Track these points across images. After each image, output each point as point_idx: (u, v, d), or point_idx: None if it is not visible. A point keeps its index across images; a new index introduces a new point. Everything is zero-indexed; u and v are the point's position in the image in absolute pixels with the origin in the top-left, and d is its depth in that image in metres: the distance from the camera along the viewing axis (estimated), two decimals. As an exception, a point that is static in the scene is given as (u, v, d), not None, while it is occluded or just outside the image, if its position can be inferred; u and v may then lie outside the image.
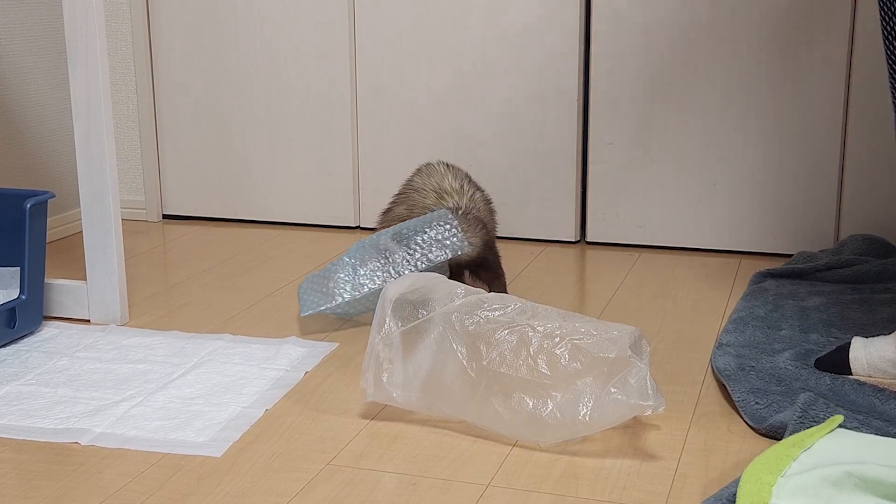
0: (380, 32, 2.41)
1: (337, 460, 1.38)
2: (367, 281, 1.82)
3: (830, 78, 2.19)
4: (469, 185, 2.00)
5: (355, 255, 1.84)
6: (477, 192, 1.99)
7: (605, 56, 2.30)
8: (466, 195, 1.96)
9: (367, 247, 1.85)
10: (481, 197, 2.00)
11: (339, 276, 1.82)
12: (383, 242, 1.84)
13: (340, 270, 1.83)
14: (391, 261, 1.82)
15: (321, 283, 1.84)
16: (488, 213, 2.00)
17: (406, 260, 1.82)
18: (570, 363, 1.40)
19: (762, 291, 1.96)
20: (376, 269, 1.82)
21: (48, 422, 1.49)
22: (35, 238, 1.80)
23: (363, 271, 1.82)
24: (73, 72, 1.81)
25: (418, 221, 1.87)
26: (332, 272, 1.84)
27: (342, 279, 1.82)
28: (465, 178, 2.01)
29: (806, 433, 1.29)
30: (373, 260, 1.83)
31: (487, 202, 2.01)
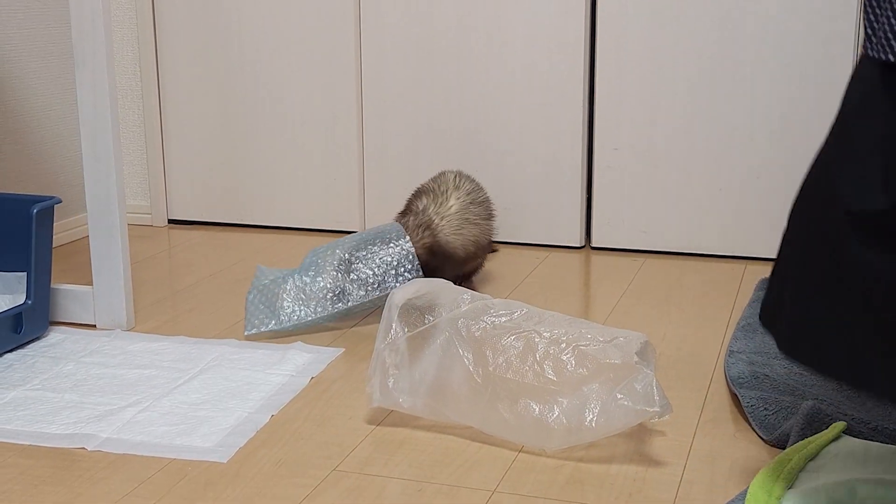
0: (385, 38, 2.41)
1: (343, 466, 1.38)
2: (318, 310, 1.82)
3: (837, 82, 2.19)
4: (454, 190, 1.98)
5: (307, 272, 1.83)
6: (455, 199, 1.97)
7: (610, 61, 2.30)
8: (439, 200, 1.96)
9: (321, 264, 1.84)
10: (459, 204, 1.97)
11: (286, 299, 1.81)
12: (336, 265, 1.83)
13: (287, 295, 1.81)
14: (344, 292, 1.82)
15: (269, 299, 1.81)
16: (460, 221, 1.97)
17: (360, 296, 1.83)
18: (577, 369, 1.40)
19: (768, 297, 1.96)
20: (326, 295, 1.82)
21: (55, 427, 1.49)
22: (41, 243, 1.81)
23: (313, 290, 1.81)
24: (80, 78, 1.81)
25: (373, 238, 1.87)
26: (280, 289, 1.82)
27: (288, 303, 1.81)
28: (454, 184, 2.00)
29: (810, 440, 1.29)
30: (325, 278, 1.82)
31: (464, 210, 1.98)
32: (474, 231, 1.99)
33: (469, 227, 1.98)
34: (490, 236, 2.07)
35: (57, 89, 2.44)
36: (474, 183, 2.07)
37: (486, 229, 2.03)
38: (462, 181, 2.04)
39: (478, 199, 2.03)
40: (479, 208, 2.03)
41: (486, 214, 2.04)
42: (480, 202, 2.04)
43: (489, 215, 2.06)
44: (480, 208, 2.03)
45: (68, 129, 2.47)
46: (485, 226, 2.03)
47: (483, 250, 2.06)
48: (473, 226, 1.99)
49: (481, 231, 2.01)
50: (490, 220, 2.06)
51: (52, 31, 2.41)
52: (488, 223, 2.05)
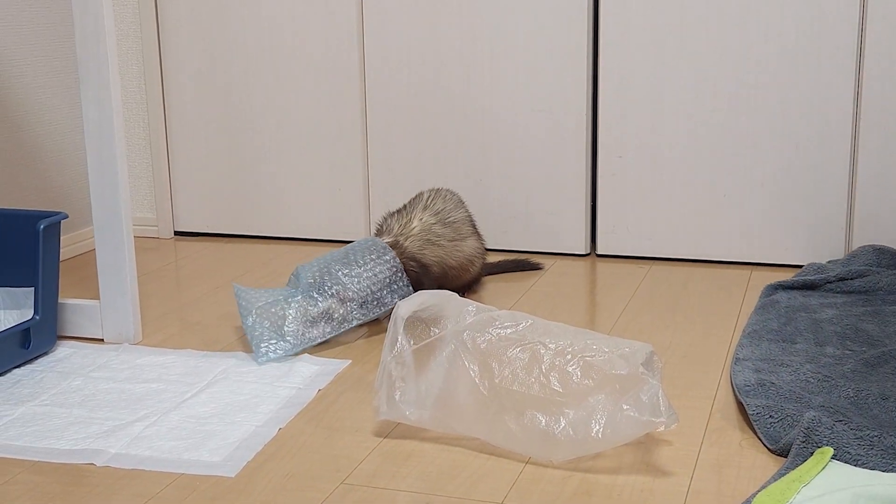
0: (389, 47, 2.42)
1: (351, 479, 1.39)
2: (326, 331, 1.83)
3: (840, 88, 2.19)
4: (420, 211, 1.99)
5: (309, 293, 1.84)
6: (418, 220, 1.98)
7: (613, 69, 2.30)
8: (403, 220, 1.98)
9: (318, 285, 1.84)
10: (421, 225, 1.98)
11: (292, 323, 1.80)
12: (331, 285, 1.83)
13: (293, 318, 1.81)
14: (349, 313, 1.84)
15: (274, 323, 1.80)
16: (422, 243, 1.97)
17: (362, 315, 1.85)
18: (583, 380, 1.40)
19: (774, 304, 1.96)
20: (332, 315, 1.83)
21: (63, 443, 1.50)
22: (48, 259, 1.81)
23: (317, 312, 1.82)
24: (85, 93, 1.82)
25: (361, 255, 1.88)
26: (284, 312, 1.81)
27: (296, 325, 1.80)
28: (423, 205, 2.01)
29: (804, 469, 1.29)
30: (325, 300, 1.83)
31: (426, 232, 1.98)
32: (438, 252, 1.99)
33: (431, 247, 1.98)
34: (463, 257, 2.03)
35: (63, 104, 2.45)
36: (449, 202, 2.05)
37: (453, 251, 2.01)
38: (434, 201, 2.03)
39: (447, 220, 2.01)
40: (447, 230, 2.01)
41: (453, 236, 2.01)
42: (449, 223, 2.02)
43: (460, 236, 2.03)
44: (448, 230, 2.01)
45: (74, 143, 2.48)
46: (452, 248, 2.01)
47: (458, 270, 2.03)
48: (437, 247, 1.99)
49: (446, 252, 2.00)
50: (462, 241, 2.03)
51: (58, 47, 2.42)
52: (457, 245, 2.02)
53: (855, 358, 1.69)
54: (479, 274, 2.13)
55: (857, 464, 1.33)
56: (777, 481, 1.28)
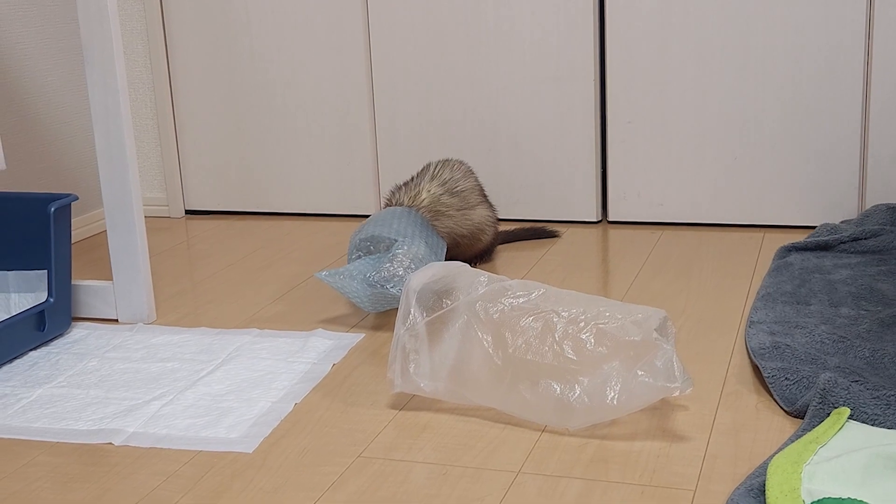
0: (394, 21, 2.41)
1: (367, 452, 1.39)
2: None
3: (849, 45, 2.17)
4: (427, 182, 1.99)
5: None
6: (426, 192, 1.98)
7: (621, 34, 2.29)
8: (412, 193, 1.98)
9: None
10: (430, 197, 1.98)
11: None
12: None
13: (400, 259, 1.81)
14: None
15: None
16: (431, 214, 1.96)
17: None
18: (596, 348, 1.40)
19: (787, 266, 1.95)
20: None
21: (81, 423, 1.50)
22: (60, 241, 1.82)
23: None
24: (90, 75, 1.82)
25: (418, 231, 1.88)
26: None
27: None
28: (430, 176, 2.01)
29: (820, 430, 1.29)
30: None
31: (435, 203, 1.98)
32: (447, 223, 1.99)
33: (441, 218, 1.98)
34: (473, 226, 2.03)
35: (70, 87, 2.45)
36: (457, 171, 2.05)
37: (462, 220, 2.01)
38: (441, 171, 2.03)
39: (454, 189, 2.01)
40: (455, 199, 2.01)
41: (461, 205, 2.02)
42: (457, 192, 2.02)
43: (468, 205, 2.03)
44: (456, 199, 2.01)
45: (82, 125, 2.48)
46: (461, 217, 2.01)
47: (469, 239, 2.04)
48: (446, 217, 1.99)
49: (455, 223, 2.00)
50: (471, 210, 2.03)
51: (64, 29, 2.42)
52: (466, 213, 2.02)
53: (870, 318, 1.68)
54: (491, 243, 2.12)
55: (875, 423, 1.33)
56: (794, 443, 1.28)
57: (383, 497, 1.28)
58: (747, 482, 1.23)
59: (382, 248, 1.84)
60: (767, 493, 1.17)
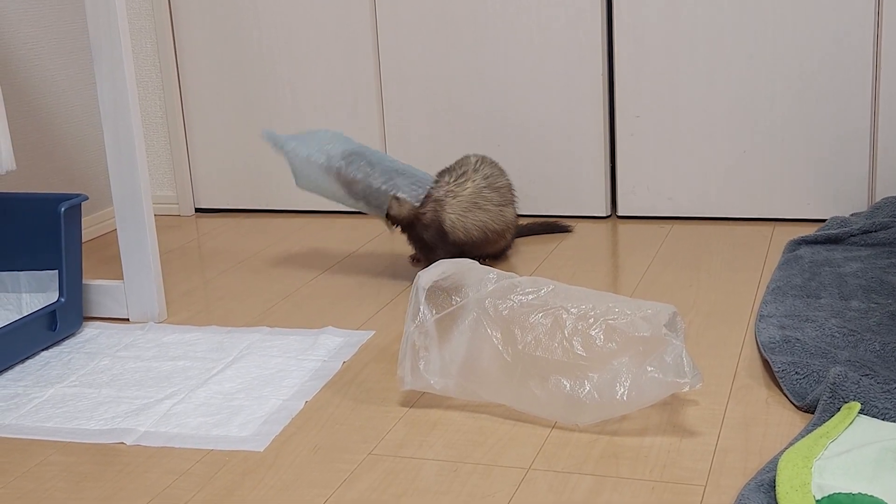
0: (401, 17, 2.41)
1: (378, 449, 1.39)
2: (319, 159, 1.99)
3: (858, 37, 2.16)
4: (472, 173, 2.01)
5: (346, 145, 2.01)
6: (471, 183, 2.00)
7: (629, 27, 2.28)
8: (458, 180, 2.01)
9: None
10: (474, 187, 2.00)
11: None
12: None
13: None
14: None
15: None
16: (469, 205, 1.99)
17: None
18: (606, 343, 1.40)
19: (797, 259, 1.95)
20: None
21: (93, 423, 1.51)
22: (71, 240, 1.83)
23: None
24: (99, 74, 1.83)
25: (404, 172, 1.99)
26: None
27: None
28: (473, 167, 2.03)
29: (831, 424, 1.29)
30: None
31: (476, 195, 2.00)
32: (482, 216, 2.00)
33: (477, 211, 2.00)
34: (505, 223, 2.05)
35: (79, 86, 2.46)
36: (495, 168, 2.07)
37: (497, 216, 2.02)
38: (482, 165, 2.04)
39: (494, 185, 2.03)
40: (494, 194, 2.03)
41: (500, 201, 2.03)
42: (497, 188, 2.04)
43: (505, 202, 2.05)
44: (495, 194, 2.03)
45: (92, 124, 2.49)
46: (497, 212, 2.02)
47: (497, 235, 2.05)
48: (482, 211, 2.00)
49: (490, 217, 2.01)
50: (506, 207, 2.05)
51: (72, 29, 2.42)
52: (502, 210, 2.03)
53: (880, 311, 1.68)
54: (511, 241, 2.13)
55: (885, 417, 1.33)
56: (804, 438, 1.28)
57: (394, 494, 1.28)
58: (758, 477, 1.23)
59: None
60: (778, 488, 1.17)
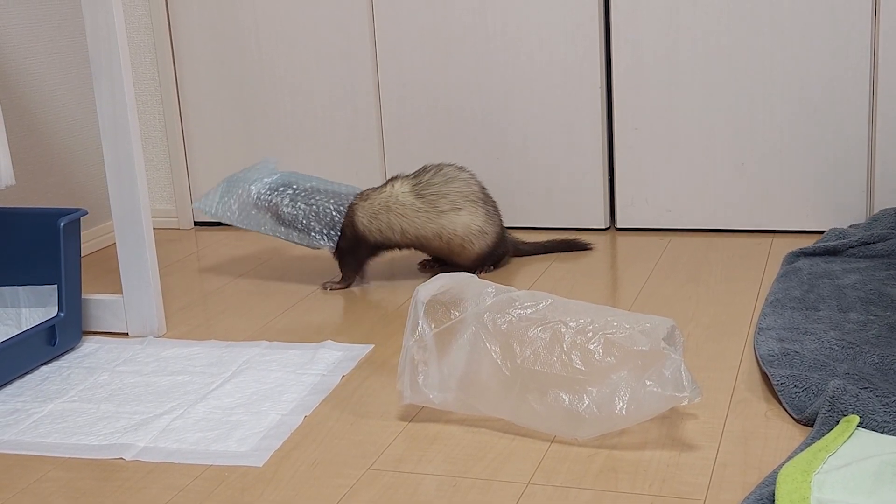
0: (400, 30, 2.41)
1: (377, 464, 1.39)
2: (249, 223, 2.10)
3: (855, 50, 2.17)
4: (401, 182, 2.07)
5: (276, 191, 2.09)
6: (390, 189, 2.06)
7: (626, 40, 2.29)
8: (383, 189, 2.08)
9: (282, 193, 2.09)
10: (390, 193, 2.06)
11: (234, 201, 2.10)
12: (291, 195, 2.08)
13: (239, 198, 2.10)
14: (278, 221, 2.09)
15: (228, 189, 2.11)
16: (379, 209, 2.05)
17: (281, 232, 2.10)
18: (605, 357, 1.40)
19: (796, 272, 1.95)
20: (265, 216, 2.10)
21: (92, 438, 1.51)
22: (70, 255, 1.83)
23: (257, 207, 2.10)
24: (99, 89, 1.83)
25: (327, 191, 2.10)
26: (242, 190, 2.10)
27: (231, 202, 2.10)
28: (409, 177, 2.07)
29: (830, 438, 1.29)
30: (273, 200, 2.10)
31: (389, 199, 2.05)
32: (394, 219, 2.04)
33: (389, 214, 2.05)
34: (438, 229, 2.04)
35: (78, 101, 2.46)
36: (444, 178, 2.06)
37: (420, 222, 2.04)
38: (429, 174, 2.06)
39: (424, 192, 2.04)
40: (419, 200, 2.04)
41: (424, 208, 2.04)
42: (427, 195, 2.04)
43: (433, 209, 2.04)
44: (420, 201, 2.04)
45: (91, 138, 2.49)
46: (420, 218, 2.04)
47: (436, 241, 2.05)
48: (395, 215, 2.04)
49: (408, 222, 2.04)
50: (436, 214, 2.04)
51: (72, 44, 2.43)
52: (430, 216, 2.04)
53: (879, 323, 1.68)
54: (484, 251, 2.10)
55: (884, 431, 1.33)
56: (803, 451, 1.28)
57: (393, 510, 1.28)
58: (757, 491, 1.23)
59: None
60: (777, 502, 1.17)
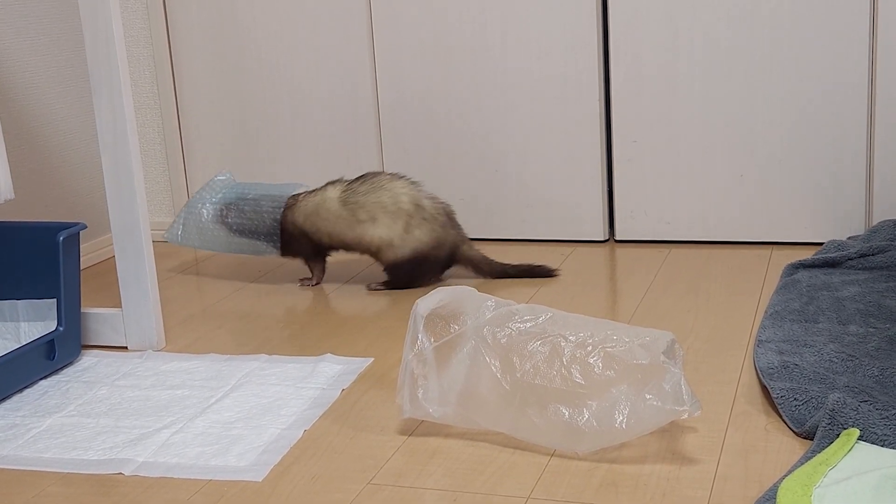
0: (399, 42, 2.42)
1: (377, 479, 1.39)
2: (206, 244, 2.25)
3: (853, 61, 2.17)
4: (338, 185, 2.14)
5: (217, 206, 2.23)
6: (323, 191, 2.15)
7: (625, 52, 2.29)
8: (319, 194, 2.17)
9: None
10: (323, 195, 2.14)
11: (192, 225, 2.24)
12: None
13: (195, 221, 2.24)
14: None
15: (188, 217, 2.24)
16: (313, 208, 2.14)
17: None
18: (604, 371, 1.40)
19: (795, 284, 1.95)
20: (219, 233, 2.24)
21: (91, 453, 1.51)
22: (69, 269, 1.83)
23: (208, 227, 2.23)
24: (98, 103, 1.83)
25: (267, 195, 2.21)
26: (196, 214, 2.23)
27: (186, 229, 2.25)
28: (346, 181, 2.14)
29: (830, 451, 1.29)
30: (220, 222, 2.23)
31: (323, 201, 2.14)
32: (318, 224, 2.14)
33: (315, 218, 2.14)
34: (359, 237, 2.11)
35: (77, 113, 2.46)
36: (372, 187, 2.11)
37: (342, 228, 2.11)
38: (357, 182, 2.12)
39: (349, 200, 2.11)
40: (342, 208, 2.11)
41: (345, 216, 2.11)
42: (350, 203, 2.11)
43: (352, 217, 2.10)
44: (343, 209, 2.11)
45: (90, 151, 2.49)
46: (338, 224, 2.12)
47: (357, 247, 2.13)
48: (321, 219, 2.13)
49: (331, 227, 2.12)
50: (354, 223, 2.10)
51: (71, 57, 2.43)
52: (350, 224, 2.11)
53: (879, 335, 1.68)
54: (397, 261, 2.11)
55: (884, 444, 1.32)
56: (803, 465, 1.28)
57: (393, 525, 1.28)
58: (757, 506, 1.23)
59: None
60: (777, 516, 1.16)
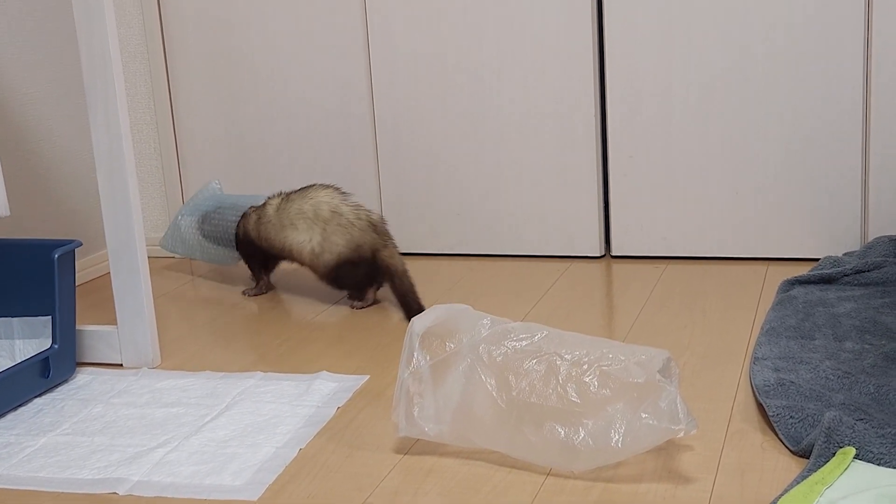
0: (396, 56, 2.42)
1: (373, 498, 1.39)
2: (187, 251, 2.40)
3: (848, 77, 2.18)
4: (278, 198, 2.23)
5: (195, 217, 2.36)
6: (266, 205, 2.24)
7: (620, 68, 2.30)
8: (269, 203, 2.25)
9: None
10: (266, 208, 2.23)
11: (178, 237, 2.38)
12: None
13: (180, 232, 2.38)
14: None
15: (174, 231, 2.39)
16: (258, 218, 2.24)
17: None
18: (600, 390, 1.40)
19: (791, 300, 1.95)
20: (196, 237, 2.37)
21: (86, 472, 1.50)
22: (64, 287, 1.82)
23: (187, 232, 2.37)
24: (94, 118, 1.83)
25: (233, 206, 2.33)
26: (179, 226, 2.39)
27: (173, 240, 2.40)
28: (287, 194, 2.22)
29: (826, 470, 1.29)
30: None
31: (266, 212, 2.22)
32: (261, 230, 2.22)
33: (258, 225, 2.23)
34: (284, 245, 2.18)
35: (72, 129, 2.46)
36: (302, 198, 2.17)
37: (275, 234, 2.19)
38: (296, 192, 2.20)
39: (281, 208, 2.20)
40: (276, 215, 2.20)
41: (276, 223, 2.19)
42: (282, 210, 2.19)
43: (281, 225, 2.18)
44: (276, 216, 2.19)
45: (86, 168, 2.49)
46: (272, 231, 2.19)
47: (287, 254, 2.20)
48: (264, 227, 2.22)
49: (269, 233, 2.20)
50: (281, 230, 2.18)
51: (67, 73, 2.43)
52: (280, 232, 2.18)
53: (874, 352, 1.68)
54: (327, 270, 2.14)
55: (881, 463, 1.32)
56: (800, 484, 1.27)
57: (389, 545, 1.28)
58: (754, 525, 1.22)
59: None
60: (774, 536, 1.16)
